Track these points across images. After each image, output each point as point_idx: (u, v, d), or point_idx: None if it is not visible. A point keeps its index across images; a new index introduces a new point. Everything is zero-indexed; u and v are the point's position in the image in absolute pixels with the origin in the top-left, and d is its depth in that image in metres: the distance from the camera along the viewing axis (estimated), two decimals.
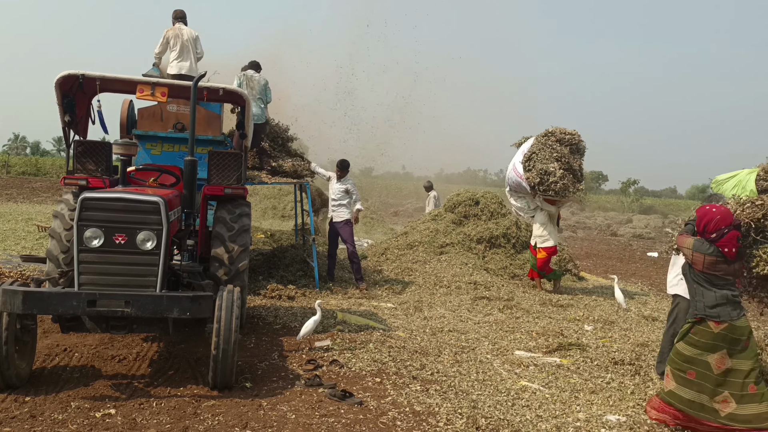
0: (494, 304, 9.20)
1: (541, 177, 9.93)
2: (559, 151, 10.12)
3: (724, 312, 4.64)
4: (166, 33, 9.42)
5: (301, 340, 6.46)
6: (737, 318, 4.64)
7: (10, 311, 4.53)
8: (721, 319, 4.63)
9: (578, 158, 10.39)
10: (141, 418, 4.41)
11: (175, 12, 9.67)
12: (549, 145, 10.22)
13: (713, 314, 4.66)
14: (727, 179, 11.10)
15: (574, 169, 10.14)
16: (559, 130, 10.47)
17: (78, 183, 5.93)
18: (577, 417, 4.90)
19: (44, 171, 41.58)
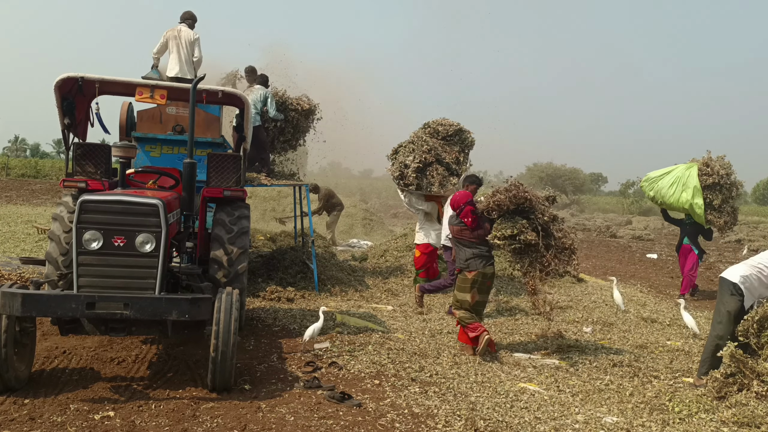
0: (493, 305, 9.19)
1: (401, 170, 9.39)
2: (430, 143, 9.48)
3: (474, 264, 6.52)
4: (166, 34, 9.40)
5: (301, 342, 6.46)
6: (483, 268, 6.54)
7: (10, 314, 4.53)
8: (472, 269, 6.51)
9: (454, 150, 9.68)
10: (140, 420, 4.42)
11: (184, 13, 9.66)
12: (419, 137, 9.66)
13: (467, 266, 6.55)
14: (660, 176, 11.02)
15: (446, 162, 9.47)
16: (436, 121, 9.92)
17: (77, 185, 5.95)
18: (575, 419, 4.91)
19: (44, 173, 41.55)
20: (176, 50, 9.32)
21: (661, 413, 5.11)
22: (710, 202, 10.63)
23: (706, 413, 5.10)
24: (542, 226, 6.52)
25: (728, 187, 10.71)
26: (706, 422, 4.94)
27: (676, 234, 30.42)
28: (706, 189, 10.61)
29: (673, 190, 10.74)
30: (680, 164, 11.02)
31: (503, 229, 6.50)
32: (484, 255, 6.56)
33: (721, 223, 10.70)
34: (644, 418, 5.00)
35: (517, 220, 6.50)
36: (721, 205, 10.67)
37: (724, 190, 10.70)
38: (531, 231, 6.46)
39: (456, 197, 6.72)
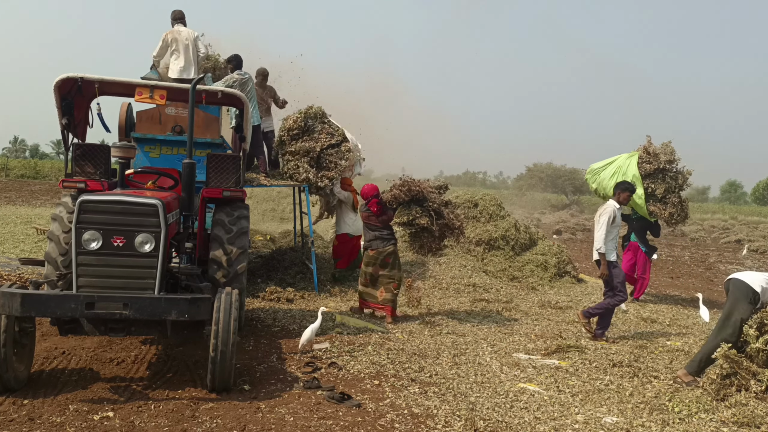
0: (493, 306, 9.20)
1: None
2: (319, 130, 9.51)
3: (375, 244, 7.95)
4: (165, 36, 9.26)
5: (301, 345, 6.45)
6: (383, 248, 7.92)
7: (9, 314, 4.53)
8: (374, 248, 7.94)
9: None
10: (139, 420, 4.41)
11: (174, 13, 9.51)
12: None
13: (370, 245, 7.99)
14: (603, 167, 10.42)
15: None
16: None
17: (76, 186, 5.94)
18: (575, 419, 4.90)
19: (43, 174, 41.57)
20: (182, 51, 9.21)
21: (661, 413, 5.10)
22: (652, 191, 9.98)
23: (706, 413, 5.10)
24: (435, 210, 7.94)
25: (673, 176, 10.07)
26: (706, 422, 4.94)
27: (675, 234, 30.56)
28: (648, 177, 10.00)
29: (613, 181, 9.88)
30: (623, 154, 10.37)
31: (401, 216, 7.97)
32: (384, 237, 7.99)
33: (666, 214, 9.99)
34: (644, 418, 5.00)
35: (412, 208, 7.92)
36: (666, 195, 9.99)
37: (668, 178, 10.05)
38: (424, 216, 7.88)
39: (364, 189, 8.12)
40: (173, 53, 9.25)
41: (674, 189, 10.01)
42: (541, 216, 36.89)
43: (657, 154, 10.02)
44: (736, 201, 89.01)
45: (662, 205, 9.99)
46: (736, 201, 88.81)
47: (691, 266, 17.41)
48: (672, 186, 9.99)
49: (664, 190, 9.96)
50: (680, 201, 10.06)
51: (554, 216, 37.66)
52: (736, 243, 26.39)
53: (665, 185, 9.97)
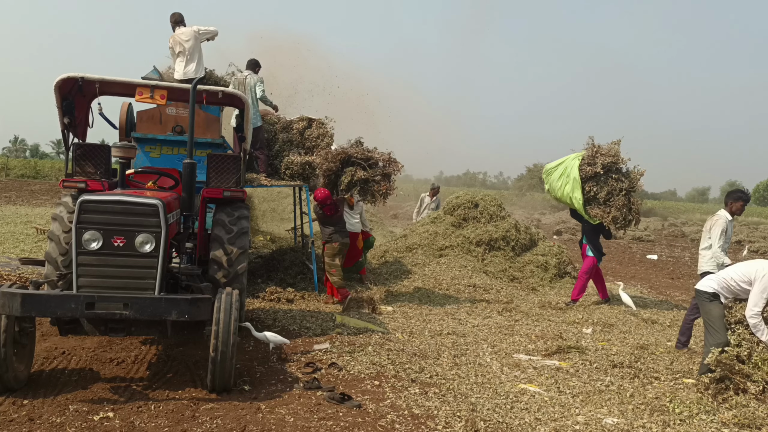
0: (493, 306, 9.19)
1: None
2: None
3: (334, 238, 8.72)
4: (170, 43, 9.41)
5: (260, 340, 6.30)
6: (343, 239, 8.82)
7: (9, 314, 4.53)
8: (335, 241, 8.72)
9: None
10: (139, 421, 4.41)
11: (173, 16, 9.54)
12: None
13: (331, 239, 8.71)
14: (555, 167, 9.98)
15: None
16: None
17: (77, 185, 5.94)
18: (576, 420, 4.89)
19: (43, 174, 41.54)
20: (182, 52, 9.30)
21: (662, 414, 5.09)
22: (595, 194, 9.55)
23: (707, 414, 5.09)
24: (365, 162, 8.62)
25: (617, 178, 9.56)
26: (707, 423, 4.93)
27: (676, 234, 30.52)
28: (589, 180, 9.57)
29: (560, 183, 9.75)
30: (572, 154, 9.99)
31: (343, 181, 8.65)
32: (341, 231, 8.87)
33: (609, 219, 9.49)
34: (645, 419, 4.99)
35: (347, 171, 8.64)
36: (609, 199, 9.52)
37: (611, 181, 9.55)
38: (359, 170, 8.58)
39: (318, 195, 8.70)
40: (178, 57, 9.35)
41: (618, 191, 9.55)
42: (542, 216, 36.84)
43: (601, 155, 9.61)
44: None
45: (606, 207, 9.57)
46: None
47: (692, 267, 17.38)
48: (616, 188, 9.55)
49: (606, 193, 9.55)
50: (627, 203, 9.60)
51: (554, 216, 37.58)
52: (737, 244, 26.34)
53: (608, 188, 9.56)
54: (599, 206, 9.61)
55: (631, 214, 9.67)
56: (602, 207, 9.59)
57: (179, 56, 9.28)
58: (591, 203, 9.66)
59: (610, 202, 9.56)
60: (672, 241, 27.62)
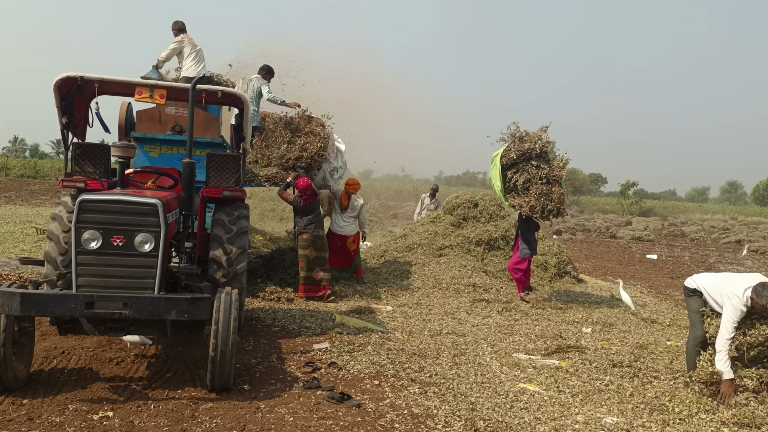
0: (493, 306, 9.19)
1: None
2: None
3: (308, 229, 8.93)
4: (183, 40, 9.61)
5: None
6: (316, 231, 8.96)
7: (8, 313, 4.52)
8: (308, 233, 8.93)
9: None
10: (139, 420, 4.40)
11: (177, 24, 9.83)
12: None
13: (305, 230, 8.95)
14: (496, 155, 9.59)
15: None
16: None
17: (76, 185, 5.93)
18: (575, 419, 4.90)
19: (43, 173, 41.59)
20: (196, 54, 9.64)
21: (662, 414, 5.10)
22: (515, 183, 9.24)
23: (707, 414, 5.09)
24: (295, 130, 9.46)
25: (537, 166, 9.18)
26: (707, 423, 4.93)
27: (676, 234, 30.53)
28: (511, 168, 9.29)
29: (492, 174, 9.48)
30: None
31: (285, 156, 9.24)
32: (316, 222, 9.03)
33: (527, 208, 9.08)
34: (644, 418, 4.99)
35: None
36: (527, 186, 9.17)
37: (531, 168, 9.18)
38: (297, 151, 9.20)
39: (298, 183, 8.94)
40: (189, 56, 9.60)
41: (537, 179, 9.17)
42: None
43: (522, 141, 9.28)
44: (737, 201, 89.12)
45: (525, 196, 9.19)
46: (736, 201, 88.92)
47: (691, 267, 17.40)
48: (535, 175, 9.16)
49: (524, 181, 9.19)
50: (548, 192, 9.15)
51: None
52: (736, 243, 26.40)
53: (527, 175, 9.19)
54: (518, 195, 9.26)
55: (551, 204, 9.14)
56: (521, 196, 9.23)
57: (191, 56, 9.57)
58: (511, 192, 9.35)
59: (528, 190, 9.19)
60: (671, 240, 27.64)
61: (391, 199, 40.37)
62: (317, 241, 8.97)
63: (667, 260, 18.89)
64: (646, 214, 43.68)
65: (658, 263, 17.97)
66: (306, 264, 8.87)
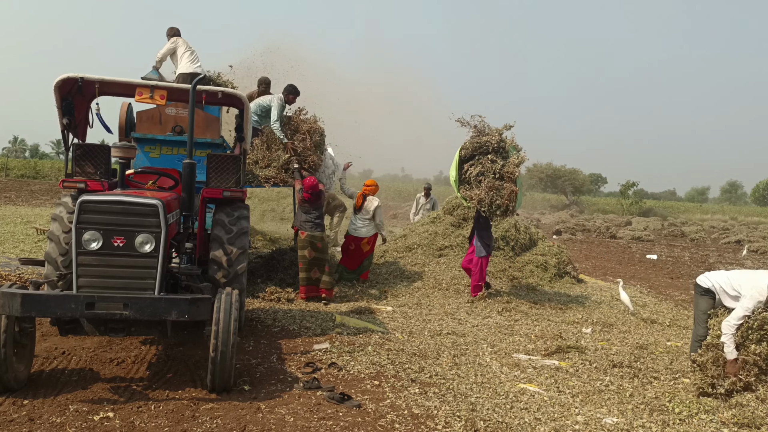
0: (493, 306, 9.20)
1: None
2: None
3: (304, 227, 8.82)
4: (176, 41, 9.73)
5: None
6: (312, 231, 8.80)
7: (9, 314, 4.52)
8: (304, 230, 8.81)
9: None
10: (139, 421, 4.41)
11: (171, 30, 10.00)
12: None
13: (302, 227, 8.83)
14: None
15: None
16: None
17: (77, 186, 5.93)
18: (575, 420, 4.90)
19: (43, 174, 41.57)
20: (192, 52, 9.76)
21: (662, 414, 5.10)
22: (469, 175, 9.19)
23: (707, 414, 5.10)
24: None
25: (492, 160, 9.12)
26: (707, 423, 4.94)
27: (676, 235, 30.52)
28: (469, 160, 9.27)
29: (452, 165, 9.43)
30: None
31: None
32: (314, 222, 8.86)
33: (476, 201, 9.03)
34: (644, 419, 5.00)
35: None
36: (479, 179, 9.08)
37: (487, 162, 9.09)
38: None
39: (306, 181, 8.86)
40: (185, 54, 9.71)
41: (490, 173, 9.07)
42: (541, 216, 36.90)
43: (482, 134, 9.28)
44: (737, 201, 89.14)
45: (476, 189, 9.10)
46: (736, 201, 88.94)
47: (691, 267, 17.41)
48: (489, 169, 9.07)
49: (477, 173, 9.12)
50: (499, 187, 9.04)
51: (554, 216, 37.67)
52: (736, 243, 26.41)
53: (481, 167, 9.10)
54: (471, 187, 9.20)
55: (501, 199, 9.02)
56: (474, 189, 9.15)
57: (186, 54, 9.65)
58: (464, 184, 9.31)
59: (480, 183, 9.13)
60: (671, 241, 27.64)
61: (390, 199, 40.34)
62: (315, 242, 8.83)
63: (667, 260, 18.89)
64: (646, 215, 43.71)
65: (658, 263, 17.97)
66: (304, 264, 8.82)
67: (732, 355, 5.45)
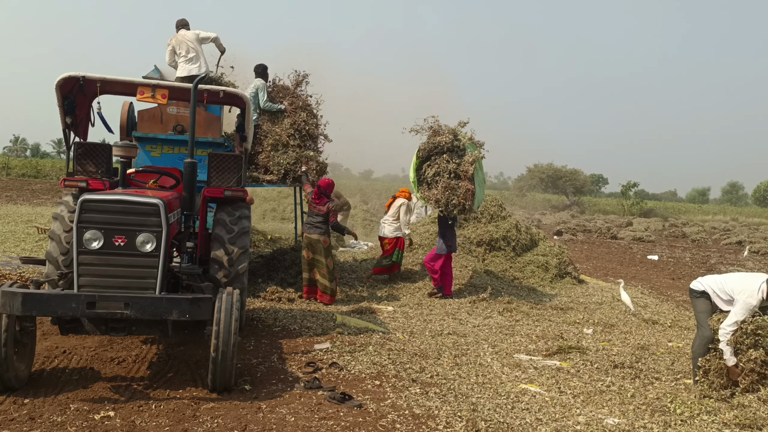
0: (494, 306, 9.19)
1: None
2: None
3: (305, 228, 8.85)
4: (170, 42, 9.54)
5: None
6: (310, 234, 8.74)
7: (10, 313, 4.52)
8: (305, 231, 8.84)
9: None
10: (140, 420, 4.40)
11: (178, 21, 9.83)
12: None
13: (304, 228, 8.88)
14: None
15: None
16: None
17: (78, 185, 5.93)
18: (577, 420, 4.89)
19: (44, 173, 41.59)
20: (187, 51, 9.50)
21: (663, 415, 5.10)
22: (426, 175, 9.29)
23: (708, 415, 5.09)
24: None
25: (447, 159, 9.17)
26: (708, 424, 4.93)
27: (677, 235, 30.48)
28: (427, 160, 9.34)
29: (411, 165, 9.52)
30: None
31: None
32: (315, 225, 8.77)
33: (433, 201, 9.18)
34: (646, 419, 4.99)
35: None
36: (436, 179, 9.17)
37: (443, 162, 9.17)
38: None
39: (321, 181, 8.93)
40: (179, 54, 9.50)
41: (445, 173, 9.14)
42: (542, 217, 36.90)
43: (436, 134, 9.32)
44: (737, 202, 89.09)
45: (434, 190, 9.18)
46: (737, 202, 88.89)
47: (693, 268, 17.40)
48: (445, 169, 9.15)
49: (433, 174, 9.22)
50: (455, 187, 9.10)
51: (555, 217, 37.68)
52: (737, 244, 26.38)
53: (437, 168, 9.20)
54: (429, 188, 9.29)
55: (456, 198, 9.10)
56: (431, 189, 9.25)
57: (182, 56, 9.43)
58: (422, 184, 9.41)
59: (436, 183, 9.21)
60: (672, 241, 27.62)
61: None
62: (313, 243, 8.74)
63: (668, 261, 18.88)
64: (647, 215, 43.69)
65: (659, 264, 17.96)
66: (304, 265, 8.87)
67: (731, 362, 5.46)
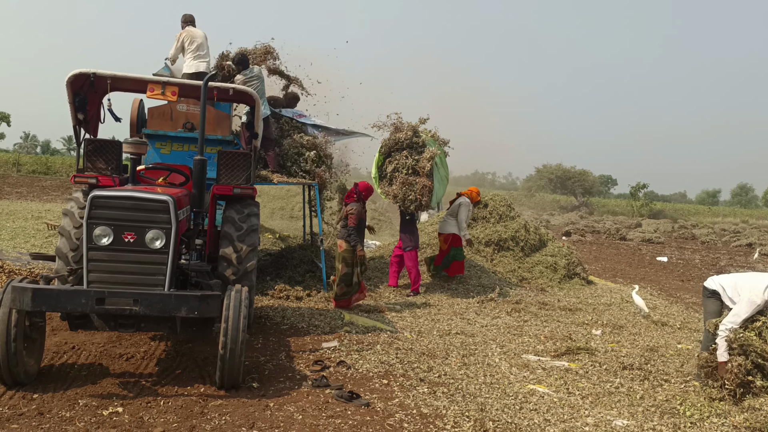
0: (502, 307, 9.16)
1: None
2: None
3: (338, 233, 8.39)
4: (180, 36, 9.36)
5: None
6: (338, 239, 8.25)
7: (20, 308, 4.54)
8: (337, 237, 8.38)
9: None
10: (148, 416, 4.42)
11: (185, 16, 9.65)
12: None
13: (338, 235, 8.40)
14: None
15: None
16: None
17: (88, 181, 5.95)
18: (585, 421, 4.86)
19: (54, 170, 41.86)
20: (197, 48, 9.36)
21: (672, 417, 5.06)
22: (386, 171, 9.45)
23: (718, 417, 5.05)
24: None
25: (407, 156, 9.31)
26: (718, 426, 4.89)
27: (686, 237, 30.31)
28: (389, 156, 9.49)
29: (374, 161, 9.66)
30: None
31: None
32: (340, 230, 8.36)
33: (391, 197, 9.34)
34: (655, 421, 4.95)
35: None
36: (394, 175, 9.32)
37: (402, 158, 9.31)
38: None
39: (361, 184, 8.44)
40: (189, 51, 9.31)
41: (403, 168, 9.28)
42: (550, 217, 36.78)
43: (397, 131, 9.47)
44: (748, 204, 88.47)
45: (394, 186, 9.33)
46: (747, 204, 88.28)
47: (702, 269, 17.27)
48: (404, 165, 9.27)
49: (392, 170, 9.35)
50: (412, 183, 9.22)
51: (563, 217, 37.55)
52: (748, 246, 26.18)
53: (396, 164, 9.33)
54: (389, 185, 9.42)
55: (413, 194, 9.22)
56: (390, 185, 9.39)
57: (192, 51, 9.31)
58: (383, 181, 9.53)
59: (394, 179, 9.36)
60: (682, 243, 27.43)
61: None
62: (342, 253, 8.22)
63: (678, 263, 18.76)
64: (656, 216, 43.46)
65: (669, 266, 17.84)
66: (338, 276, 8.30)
67: (722, 358, 5.44)
